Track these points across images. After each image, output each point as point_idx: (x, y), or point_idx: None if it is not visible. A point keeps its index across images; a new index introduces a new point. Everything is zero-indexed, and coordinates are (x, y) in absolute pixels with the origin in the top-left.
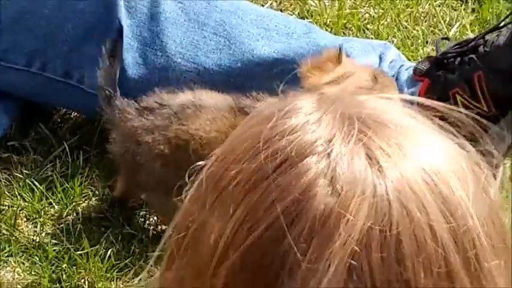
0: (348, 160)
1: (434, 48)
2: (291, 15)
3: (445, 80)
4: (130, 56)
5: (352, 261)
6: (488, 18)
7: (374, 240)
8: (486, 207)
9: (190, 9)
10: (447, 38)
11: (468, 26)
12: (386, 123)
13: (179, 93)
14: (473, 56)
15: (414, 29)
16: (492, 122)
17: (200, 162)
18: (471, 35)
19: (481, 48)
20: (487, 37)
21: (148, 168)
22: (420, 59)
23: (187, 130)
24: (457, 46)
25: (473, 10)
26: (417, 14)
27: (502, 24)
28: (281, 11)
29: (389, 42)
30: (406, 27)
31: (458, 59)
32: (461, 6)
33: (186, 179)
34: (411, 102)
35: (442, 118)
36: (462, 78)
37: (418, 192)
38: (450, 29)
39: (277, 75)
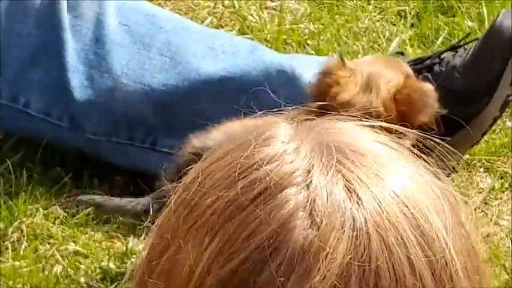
0: (327, 192)
1: None
2: (231, 31)
3: None
4: (77, 79)
5: None
6: (427, 33)
7: (353, 275)
8: (462, 238)
9: (135, 30)
10: (402, 53)
11: (407, 41)
12: (364, 152)
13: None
14: (427, 74)
15: (354, 44)
16: (441, 141)
17: (165, 187)
18: (410, 50)
19: (436, 67)
20: (443, 56)
21: None
22: None
23: None
24: (412, 63)
25: (412, 25)
26: (357, 29)
27: (458, 44)
28: (221, 27)
29: (330, 57)
30: (346, 43)
31: None
32: (400, 21)
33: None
34: (388, 130)
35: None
36: None
37: (397, 225)
38: (390, 44)
39: (225, 93)
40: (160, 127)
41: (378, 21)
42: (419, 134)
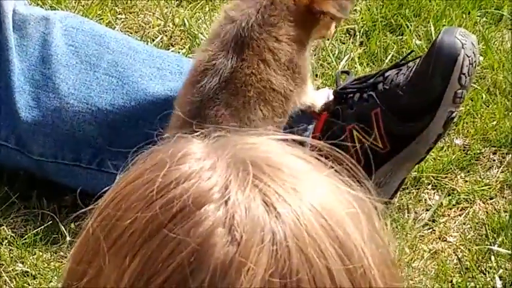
0: (245, 207)
1: (324, 82)
2: (182, 49)
3: (343, 115)
4: (23, 99)
5: None
6: (376, 51)
7: None
8: (379, 247)
9: (82, 51)
10: (347, 72)
11: (357, 59)
12: (280, 167)
13: None
14: (372, 93)
15: None
16: (386, 158)
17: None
18: (359, 68)
19: (380, 86)
20: (387, 74)
21: None
22: None
23: None
24: (357, 81)
25: (361, 43)
26: None
27: (402, 62)
28: (172, 45)
29: None
30: None
31: (358, 94)
32: (349, 39)
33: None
34: (300, 143)
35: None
36: (360, 114)
37: (316, 237)
38: (339, 62)
39: (171, 113)
40: (106, 148)
41: (328, 39)
42: (351, 160)
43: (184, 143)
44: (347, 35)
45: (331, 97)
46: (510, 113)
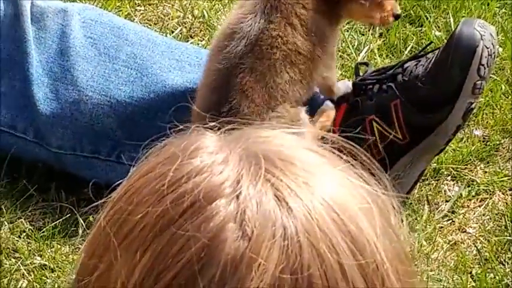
0: (256, 202)
1: (344, 73)
2: (201, 41)
3: (362, 107)
4: (42, 91)
5: None
6: (396, 42)
7: (286, 284)
8: (392, 242)
9: (101, 43)
10: (366, 64)
11: (376, 51)
12: (292, 161)
13: None
14: (391, 84)
15: None
16: (405, 150)
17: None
18: (379, 59)
19: (399, 77)
20: (406, 65)
21: None
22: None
23: None
24: (376, 73)
25: (380, 35)
26: None
27: (421, 53)
28: (191, 37)
29: None
30: None
31: (377, 86)
32: (368, 31)
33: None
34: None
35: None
36: (379, 105)
37: (327, 232)
38: (359, 54)
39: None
40: (125, 140)
41: (347, 30)
42: (367, 155)
43: (198, 136)
44: (366, 26)
45: (351, 88)
46: None
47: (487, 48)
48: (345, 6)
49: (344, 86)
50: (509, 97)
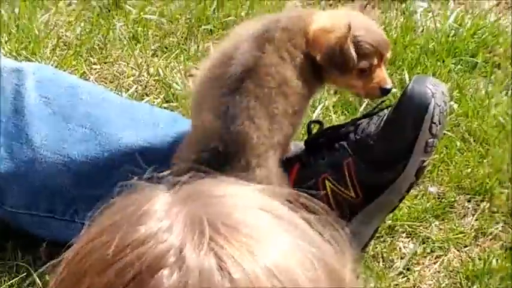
0: (199, 272)
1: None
2: (156, 99)
3: (315, 165)
4: None
5: None
6: (351, 99)
7: None
8: None
9: (55, 102)
10: (320, 122)
11: (331, 108)
12: (239, 226)
13: None
14: (343, 142)
15: None
16: (358, 209)
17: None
18: (334, 117)
19: (351, 135)
20: (359, 123)
21: None
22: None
23: None
24: (328, 131)
25: (335, 92)
26: None
27: (374, 111)
28: (146, 95)
29: None
30: None
31: (329, 144)
32: (324, 87)
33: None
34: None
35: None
36: (332, 164)
37: None
38: (314, 111)
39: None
40: (80, 199)
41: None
42: (326, 208)
43: (148, 195)
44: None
45: (302, 149)
46: (484, 161)
47: (439, 106)
48: (328, 71)
49: (295, 147)
50: (464, 153)
